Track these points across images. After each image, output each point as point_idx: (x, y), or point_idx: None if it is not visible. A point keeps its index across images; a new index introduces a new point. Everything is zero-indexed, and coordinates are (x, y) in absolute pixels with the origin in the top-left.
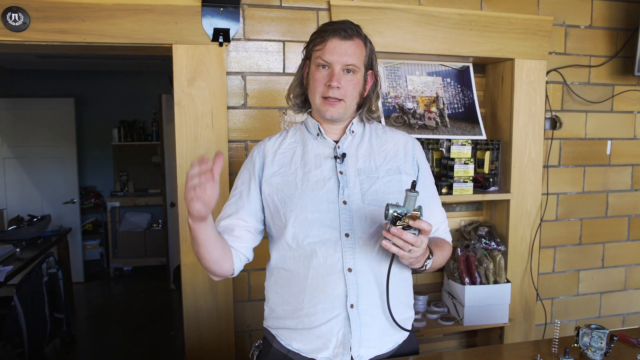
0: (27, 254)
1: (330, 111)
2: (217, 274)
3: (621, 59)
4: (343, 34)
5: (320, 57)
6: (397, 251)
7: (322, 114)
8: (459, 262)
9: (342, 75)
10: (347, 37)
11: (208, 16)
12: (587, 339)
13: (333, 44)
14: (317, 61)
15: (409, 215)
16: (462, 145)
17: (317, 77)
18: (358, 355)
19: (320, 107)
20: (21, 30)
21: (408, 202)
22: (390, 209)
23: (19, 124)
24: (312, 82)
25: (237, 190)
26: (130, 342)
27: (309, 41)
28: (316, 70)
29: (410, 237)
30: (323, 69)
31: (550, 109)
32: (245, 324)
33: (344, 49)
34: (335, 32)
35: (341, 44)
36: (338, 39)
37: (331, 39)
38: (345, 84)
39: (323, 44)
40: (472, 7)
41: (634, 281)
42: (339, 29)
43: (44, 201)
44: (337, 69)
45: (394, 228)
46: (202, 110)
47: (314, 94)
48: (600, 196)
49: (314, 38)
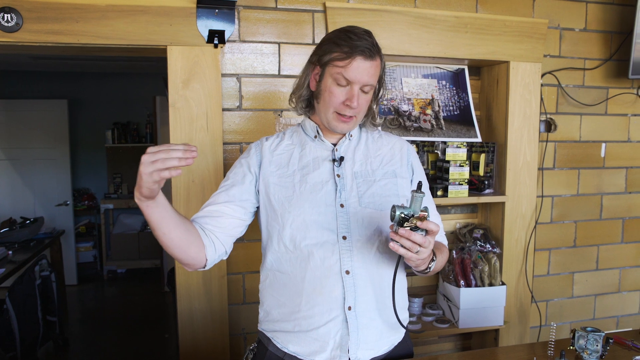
0: (20, 257)
1: (342, 127)
2: (186, 263)
3: (615, 62)
4: (368, 54)
5: (342, 74)
6: (404, 253)
7: (332, 127)
8: (454, 264)
9: (360, 94)
10: (371, 57)
11: (203, 18)
12: (583, 341)
13: (357, 63)
14: (337, 77)
15: (416, 216)
16: (457, 147)
17: (335, 92)
18: (356, 357)
19: (332, 121)
20: (14, 31)
21: (414, 203)
22: (397, 211)
23: (12, 125)
24: (327, 96)
25: (228, 181)
26: (123, 345)
27: (325, 49)
28: (333, 85)
29: (418, 238)
30: (342, 86)
31: (545, 112)
32: (240, 326)
33: (367, 69)
34: (361, 51)
35: (365, 65)
36: (362, 59)
37: (356, 57)
38: (361, 102)
39: (347, 62)
40: (467, 9)
41: (628, 283)
42: (364, 48)
43: (37, 203)
44: (356, 89)
45: (402, 229)
46: (197, 112)
47: (328, 108)
48: (595, 199)
49: (333, 49)
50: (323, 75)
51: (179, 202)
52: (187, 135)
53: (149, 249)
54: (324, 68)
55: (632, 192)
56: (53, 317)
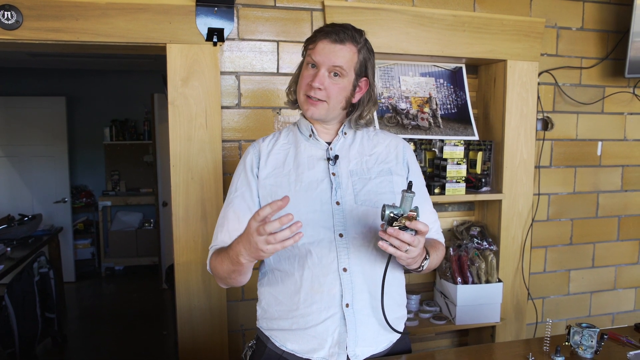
0: (18, 254)
1: (311, 110)
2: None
3: (612, 61)
4: (334, 37)
5: (310, 56)
6: (393, 252)
7: (304, 111)
8: (451, 261)
9: (327, 77)
10: (337, 40)
11: (202, 16)
12: (578, 337)
13: (322, 44)
14: (308, 59)
15: (405, 215)
16: (454, 145)
17: (304, 74)
18: (354, 354)
19: (302, 104)
20: (14, 29)
21: (404, 203)
22: (387, 210)
23: (10, 122)
24: (299, 80)
25: (238, 192)
26: (121, 342)
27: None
28: (305, 68)
29: (407, 237)
30: (311, 69)
31: (542, 110)
32: (239, 323)
33: (332, 51)
34: (327, 34)
35: (330, 46)
36: (328, 41)
37: (322, 40)
38: (329, 86)
39: (314, 44)
40: (465, 8)
41: (624, 281)
42: (331, 32)
43: (35, 200)
44: (322, 70)
45: (390, 229)
46: (196, 110)
47: (299, 91)
48: (591, 197)
49: (309, 37)
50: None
51: (178, 199)
52: (186, 133)
53: (147, 246)
54: (304, 58)
55: (628, 190)
56: (51, 314)
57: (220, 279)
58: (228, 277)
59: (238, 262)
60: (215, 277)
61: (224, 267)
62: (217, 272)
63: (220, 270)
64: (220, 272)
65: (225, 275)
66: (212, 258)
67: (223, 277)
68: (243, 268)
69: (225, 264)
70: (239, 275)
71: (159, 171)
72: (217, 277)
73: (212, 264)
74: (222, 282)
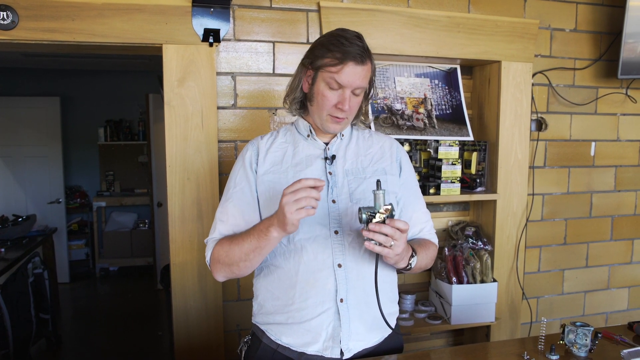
0: (12, 254)
1: (334, 127)
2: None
3: (605, 62)
4: (360, 59)
5: (334, 79)
6: (380, 250)
7: (325, 128)
8: (446, 261)
9: (352, 97)
10: (362, 62)
11: (198, 16)
12: (572, 336)
13: (349, 69)
14: (330, 81)
15: (380, 211)
16: (449, 146)
17: (328, 96)
18: (347, 348)
19: (325, 122)
20: (10, 29)
21: (377, 202)
22: (363, 212)
23: (4, 123)
24: (320, 99)
25: (237, 187)
26: (116, 343)
27: (318, 54)
28: (326, 89)
29: (388, 230)
30: (334, 90)
31: (536, 111)
32: (235, 323)
33: (358, 73)
34: (353, 57)
35: (356, 70)
36: (354, 64)
37: (348, 63)
38: (352, 104)
39: (339, 67)
40: (459, 9)
41: (617, 280)
42: (356, 54)
43: (29, 201)
44: (347, 93)
45: (371, 224)
46: (192, 110)
47: (321, 110)
48: (585, 197)
49: (324, 54)
50: (316, 79)
51: (174, 199)
52: (182, 133)
53: (141, 246)
54: (316, 72)
55: (621, 191)
56: (46, 315)
57: (229, 264)
58: (244, 259)
59: (267, 236)
60: (220, 264)
61: (244, 246)
62: (229, 257)
63: (238, 252)
64: (236, 254)
65: (240, 257)
66: (219, 245)
67: (236, 260)
68: (269, 244)
69: (248, 241)
70: (259, 255)
71: (153, 172)
72: (225, 263)
73: (220, 250)
74: (228, 270)
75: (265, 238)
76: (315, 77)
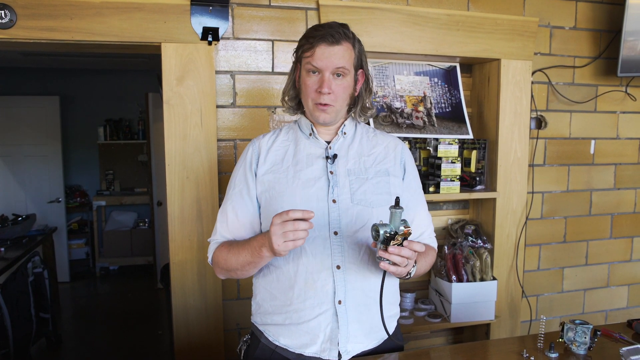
0: (12, 254)
1: (323, 116)
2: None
3: (604, 60)
4: (330, 39)
5: (309, 63)
6: (394, 270)
7: (315, 119)
8: (446, 260)
9: (332, 80)
10: (334, 42)
11: (197, 15)
12: (571, 334)
13: (321, 50)
14: (307, 67)
15: (400, 233)
16: (449, 144)
17: (308, 82)
18: (345, 350)
19: (313, 112)
20: (8, 28)
21: (394, 220)
22: (380, 230)
23: (3, 122)
24: (303, 88)
25: (236, 189)
26: (116, 342)
27: (298, 46)
28: (307, 75)
29: (408, 253)
30: (313, 75)
31: (535, 109)
32: (235, 322)
33: (332, 54)
34: (323, 37)
35: (329, 49)
36: (326, 45)
37: (319, 44)
38: (335, 88)
39: (312, 50)
40: (459, 7)
41: (617, 278)
42: (326, 34)
43: (29, 200)
44: (326, 75)
45: (392, 248)
46: (191, 109)
47: (307, 100)
48: (584, 195)
49: (302, 43)
50: (300, 70)
51: (173, 198)
52: (182, 132)
53: (141, 245)
54: (300, 63)
55: (620, 189)
56: (46, 314)
57: (228, 270)
58: (240, 269)
59: (259, 255)
60: (220, 268)
61: (239, 258)
62: (226, 264)
63: (234, 261)
64: (233, 263)
65: (236, 266)
66: (219, 250)
67: (233, 268)
68: (261, 260)
69: (243, 255)
70: (254, 267)
71: (153, 171)
72: (224, 268)
73: (219, 256)
74: (227, 274)
75: (257, 255)
76: (300, 70)
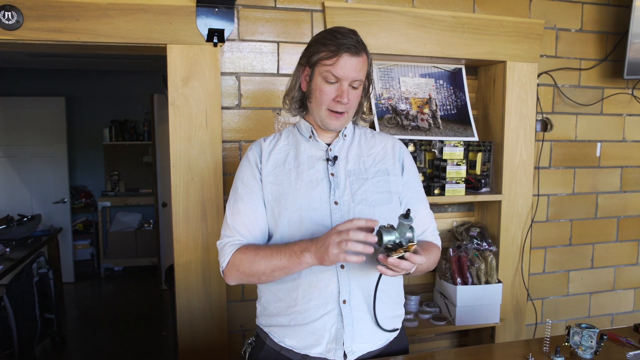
0: (17, 254)
1: (335, 123)
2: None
3: (611, 62)
4: (354, 50)
5: (330, 72)
6: (392, 274)
7: (326, 125)
8: (450, 262)
9: (350, 90)
10: (356, 53)
11: (203, 16)
12: (577, 338)
13: (344, 60)
14: (326, 75)
15: (404, 247)
16: (454, 146)
17: (326, 90)
18: (351, 350)
19: (325, 118)
20: (14, 29)
21: (401, 230)
22: (384, 237)
23: (9, 122)
24: (318, 94)
25: (247, 187)
26: (121, 343)
27: (313, 50)
28: (324, 83)
29: (407, 265)
30: (331, 84)
31: (541, 111)
32: (239, 323)
33: (354, 65)
34: (347, 48)
35: (352, 61)
36: (349, 55)
37: (343, 54)
38: (351, 98)
39: (334, 60)
40: (464, 9)
41: (623, 281)
42: (350, 45)
43: (34, 201)
44: (345, 85)
45: (391, 259)
46: (196, 110)
47: (320, 106)
48: (590, 197)
49: (320, 50)
50: (313, 75)
51: (178, 199)
52: (187, 134)
53: (146, 246)
54: (313, 68)
55: (627, 191)
56: (51, 315)
57: (250, 274)
58: (268, 274)
59: (298, 260)
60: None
61: (272, 262)
62: (252, 267)
63: (264, 265)
64: (262, 267)
65: (265, 270)
66: (241, 252)
67: (260, 272)
68: (298, 267)
69: (277, 258)
70: (284, 274)
71: (158, 172)
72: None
73: (244, 258)
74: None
75: (296, 260)
76: (312, 74)
